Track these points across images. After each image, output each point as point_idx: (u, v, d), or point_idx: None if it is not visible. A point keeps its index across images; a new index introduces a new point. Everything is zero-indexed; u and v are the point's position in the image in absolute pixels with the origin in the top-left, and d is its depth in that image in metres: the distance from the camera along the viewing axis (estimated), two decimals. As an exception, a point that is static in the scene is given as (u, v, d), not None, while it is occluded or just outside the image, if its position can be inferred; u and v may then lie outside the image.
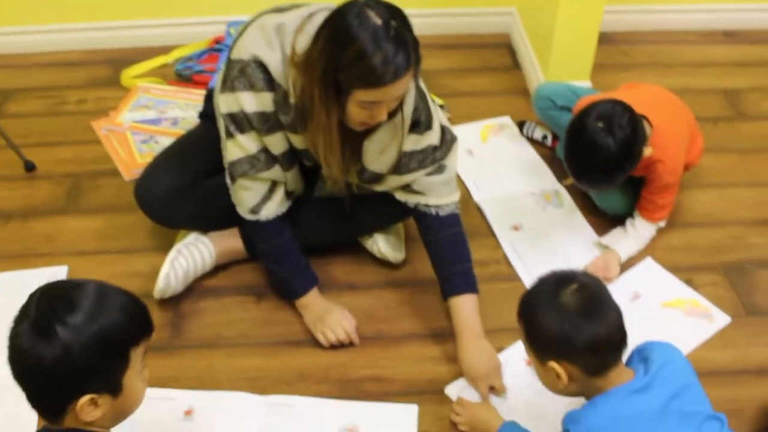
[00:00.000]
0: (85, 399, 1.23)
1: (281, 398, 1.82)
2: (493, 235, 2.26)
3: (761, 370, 1.92)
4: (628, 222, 2.20)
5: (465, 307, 1.90)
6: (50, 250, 2.23)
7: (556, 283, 1.48)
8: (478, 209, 2.35)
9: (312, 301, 1.99)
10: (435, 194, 1.93)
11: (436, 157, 1.90)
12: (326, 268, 2.13)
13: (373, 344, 1.96)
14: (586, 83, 2.68)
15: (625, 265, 2.15)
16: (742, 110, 2.78)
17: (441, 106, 2.68)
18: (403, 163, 1.87)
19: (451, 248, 1.95)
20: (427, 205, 1.93)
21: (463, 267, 1.94)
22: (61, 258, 2.20)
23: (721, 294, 2.10)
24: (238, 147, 1.85)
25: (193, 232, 2.13)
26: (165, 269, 2.00)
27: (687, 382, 1.52)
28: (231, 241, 2.14)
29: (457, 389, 1.85)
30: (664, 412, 1.44)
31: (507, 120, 2.68)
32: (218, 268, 2.15)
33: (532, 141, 2.59)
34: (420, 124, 1.84)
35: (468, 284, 1.93)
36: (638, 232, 2.17)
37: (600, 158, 1.98)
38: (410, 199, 1.95)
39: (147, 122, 2.67)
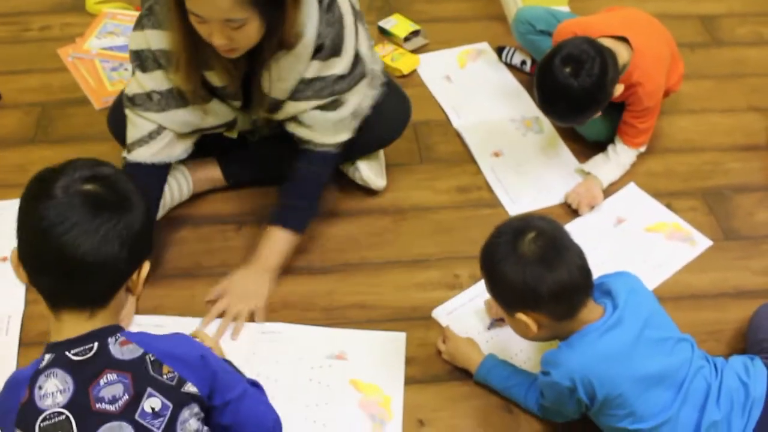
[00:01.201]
0: (147, 264, 1.24)
1: (269, 325, 1.82)
2: (473, 161, 2.25)
3: (740, 292, 1.95)
4: (610, 148, 2.19)
5: (277, 240, 1.88)
6: (22, 180, 2.11)
7: (513, 233, 1.46)
8: (458, 135, 2.33)
9: None
10: (321, 132, 1.87)
11: (335, 89, 1.82)
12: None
13: (358, 271, 1.95)
14: (565, 8, 2.64)
15: (608, 191, 2.14)
16: (719, 36, 2.77)
17: (417, 32, 2.64)
18: (299, 89, 1.80)
19: (307, 186, 1.91)
20: (309, 141, 1.88)
21: (304, 206, 1.91)
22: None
23: (701, 219, 2.12)
24: (137, 83, 1.82)
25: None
26: (143, 198, 1.95)
27: (652, 309, 1.54)
28: (208, 169, 2.10)
29: (444, 313, 1.85)
30: (638, 342, 1.46)
31: (485, 46, 2.65)
32: (196, 197, 2.11)
33: (510, 67, 2.57)
34: (322, 49, 1.76)
35: (297, 223, 1.89)
36: (619, 157, 2.17)
37: (566, 102, 1.98)
38: (297, 132, 1.88)
39: (115, 49, 2.58)
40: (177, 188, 2.05)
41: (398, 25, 2.65)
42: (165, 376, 1.18)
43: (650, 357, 1.47)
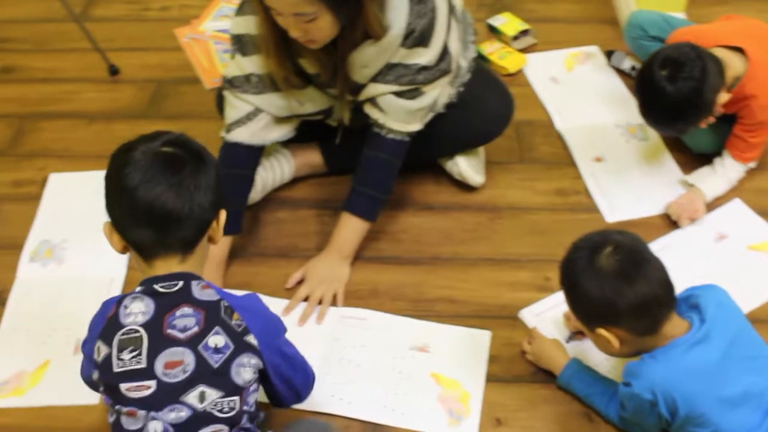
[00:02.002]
0: (223, 213, 1.39)
1: (355, 311, 1.85)
2: (574, 164, 2.22)
3: None
4: (717, 161, 2.13)
5: (349, 227, 1.91)
6: (132, 152, 2.25)
7: (590, 248, 1.45)
8: (560, 138, 2.30)
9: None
10: (394, 117, 1.86)
11: (416, 78, 1.81)
12: (403, 187, 2.12)
13: (449, 266, 1.96)
14: (680, 15, 2.58)
15: (711, 205, 2.08)
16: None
17: (526, 31, 2.62)
18: (382, 72, 1.81)
19: (377, 172, 1.92)
20: (381, 126, 1.88)
21: (374, 193, 1.91)
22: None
23: (809, 241, 2.03)
24: (236, 65, 1.88)
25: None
26: (245, 178, 2.01)
27: (740, 325, 1.51)
28: (311, 154, 2.14)
29: (531, 314, 1.84)
30: (725, 359, 1.43)
31: (594, 49, 2.61)
32: (296, 180, 2.16)
33: (619, 72, 2.52)
34: (408, 37, 1.76)
35: (366, 210, 1.91)
36: (726, 171, 2.10)
37: (661, 107, 1.94)
38: (371, 113, 1.88)
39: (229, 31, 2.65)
40: (279, 170, 2.10)
41: (508, 23, 2.64)
42: (233, 322, 1.31)
43: (737, 375, 1.43)
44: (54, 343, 1.52)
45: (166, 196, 1.28)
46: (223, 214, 1.39)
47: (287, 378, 1.45)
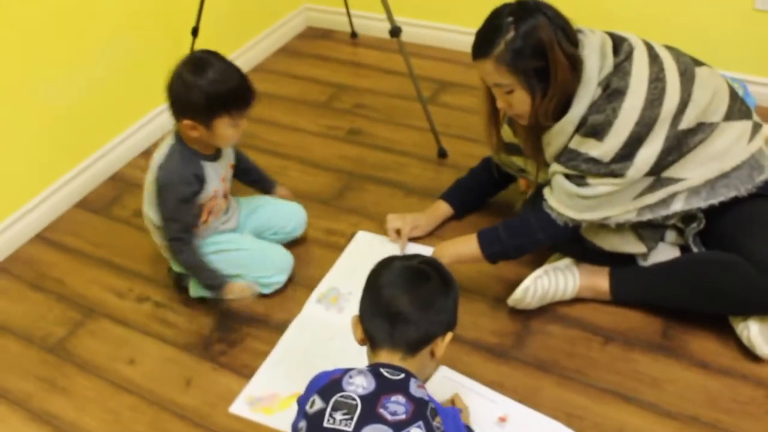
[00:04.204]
0: (450, 335, 1.54)
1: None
2: None
3: None
4: None
5: (467, 239, 2.09)
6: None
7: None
8: None
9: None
10: (556, 198, 1.97)
11: (582, 167, 1.89)
12: (685, 336, 2.03)
13: (705, 431, 1.83)
14: None
15: None
16: None
17: None
18: (561, 153, 1.94)
19: (517, 224, 2.05)
20: (545, 199, 2.00)
21: (503, 236, 2.04)
22: (432, 240, 2.38)
23: None
24: None
25: (567, 258, 2.15)
26: (526, 282, 2.05)
27: None
28: (599, 279, 2.12)
29: None
30: None
31: None
32: (577, 300, 2.15)
33: None
34: (582, 126, 1.88)
35: (486, 242, 2.06)
36: None
37: None
38: (545, 190, 2.02)
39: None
40: (563, 285, 2.11)
41: None
42: (434, 423, 1.42)
43: None
44: (309, 379, 1.66)
45: (403, 299, 1.49)
46: (449, 336, 1.54)
47: None
